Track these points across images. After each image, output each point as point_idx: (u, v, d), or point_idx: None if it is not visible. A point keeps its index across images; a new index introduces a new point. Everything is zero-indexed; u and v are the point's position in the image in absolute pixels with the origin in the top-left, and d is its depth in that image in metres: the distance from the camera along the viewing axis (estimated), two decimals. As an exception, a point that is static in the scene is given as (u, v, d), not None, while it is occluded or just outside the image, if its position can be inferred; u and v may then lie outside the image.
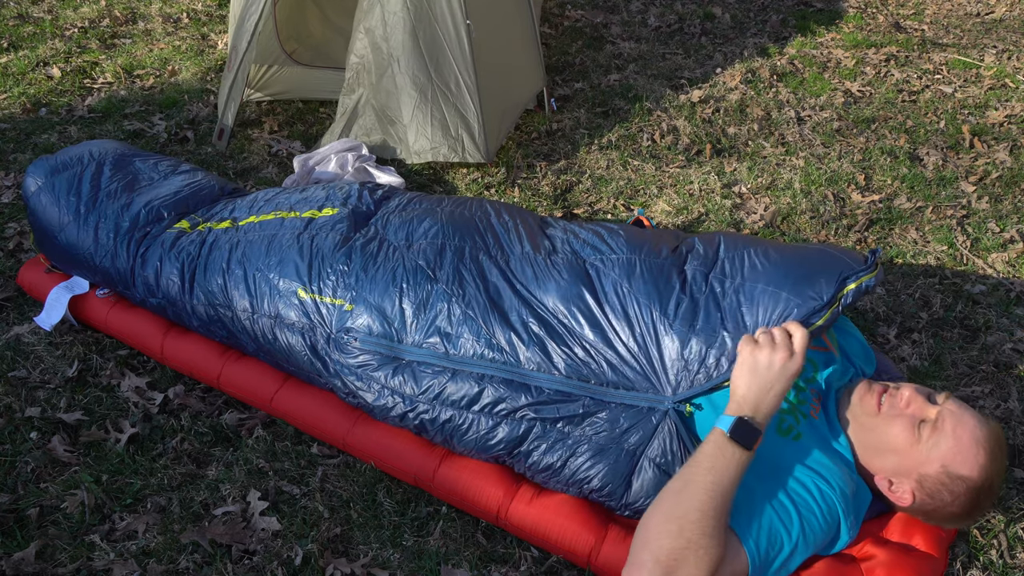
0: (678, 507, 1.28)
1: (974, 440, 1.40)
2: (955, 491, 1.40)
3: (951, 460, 1.39)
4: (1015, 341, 2.16)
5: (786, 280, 1.53)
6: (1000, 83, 3.57)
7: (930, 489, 1.42)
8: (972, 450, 1.39)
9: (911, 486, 1.44)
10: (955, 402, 1.46)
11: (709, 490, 1.29)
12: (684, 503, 1.28)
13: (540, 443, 1.55)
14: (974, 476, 1.39)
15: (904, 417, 1.44)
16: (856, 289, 1.49)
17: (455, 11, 2.63)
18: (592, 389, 1.53)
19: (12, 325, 2.10)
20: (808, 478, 1.40)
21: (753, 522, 1.35)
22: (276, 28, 3.08)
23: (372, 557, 1.59)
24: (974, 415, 1.44)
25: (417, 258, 1.72)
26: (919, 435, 1.42)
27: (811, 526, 1.37)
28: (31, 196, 2.04)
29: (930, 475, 1.41)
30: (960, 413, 1.43)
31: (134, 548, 1.58)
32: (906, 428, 1.43)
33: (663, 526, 1.27)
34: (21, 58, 3.47)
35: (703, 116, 3.28)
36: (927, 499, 1.44)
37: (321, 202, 1.95)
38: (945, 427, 1.41)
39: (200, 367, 1.90)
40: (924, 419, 1.43)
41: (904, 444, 1.43)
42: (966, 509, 1.42)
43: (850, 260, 1.55)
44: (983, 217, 2.67)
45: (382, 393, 1.65)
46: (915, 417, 1.43)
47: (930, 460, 1.41)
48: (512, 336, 1.58)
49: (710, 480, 1.29)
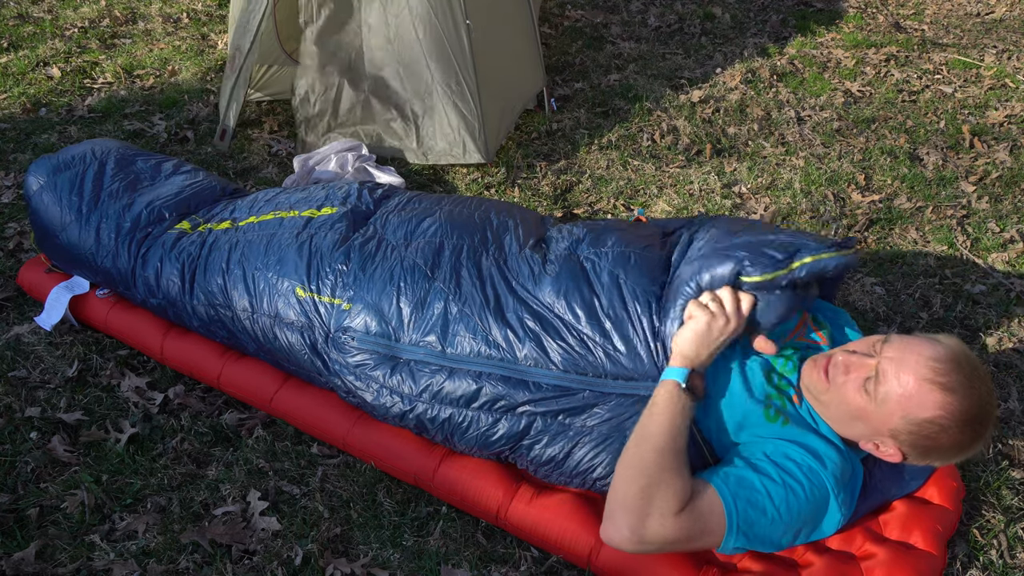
0: (636, 454, 1.36)
1: (921, 380, 1.32)
2: (929, 434, 1.34)
3: (906, 408, 1.33)
4: (1015, 341, 2.16)
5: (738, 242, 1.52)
6: (1000, 83, 3.57)
7: (908, 440, 1.37)
8: (922, 390, 1.32)
9: (892, 443, 1.39)
10: (893, 344, 1.38)
11: (665, 433, 1.36)
12: (641, 448, 1.36)
13: (542, 436, 1.56)
14: (937, 414, 1.32)
15: (850, 381, 1.39)
16: (812, 263, 1.44)
17: (455, 10, 2.63)
18: (590, 381, 1.53)
19: (12, 325, 2.10)
20: (797, 454, 1.39)
21: (734, 482, 1.36)
22: (276, 28, 3.08)
23: (372, 557, 1.59)
24: (917, 349, 1.35)
25: (415, 257, 1.72)
26: (869, 393, 1.36)
27: (796, 497, 1.36)
28: (33, 195, 2.04)
29: (898, 428, 1.36)
30: (899, 356, 1.35)
31: (134, 548, 1.58)
32: (855, 392, 1.38)
33: (625, 473, 1.35)
34: (21, 58, 3.47)
35: (703, 116, 3.28)
36: (912, 449, 1.39)
37: (320, 201, 1.95)
38: (887, 377, 1.34)
39: (200, 367, 1.90)
40: (867, 376, 1.37)
41: (860, 408, 1.38)
42: (959, 440, 1.34)
43: (815, 240, 1.51)
44: (983, 217, 2.67)
45: (380, 392, 1.65)
46: (858, 378, 1.38)
47: (889, 415, 1.35)
48: (508, 333, 1.58)
49: (664, 425, 1.37)
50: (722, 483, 1.36)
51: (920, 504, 1.58)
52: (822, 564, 1.46)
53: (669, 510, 1.30)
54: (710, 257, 1.51)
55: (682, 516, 1.30)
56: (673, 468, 1.34)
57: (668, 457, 1.34)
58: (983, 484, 1.74)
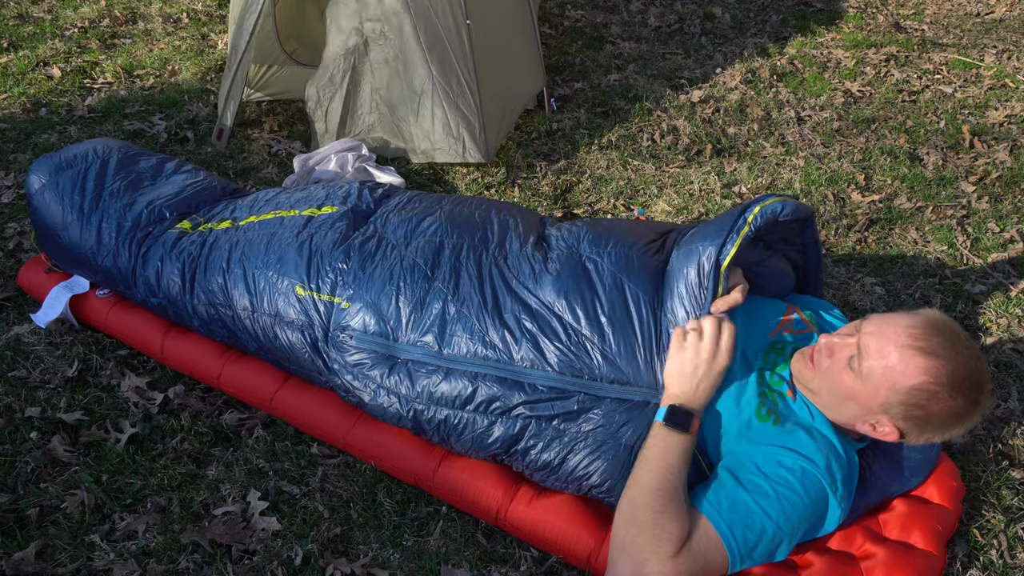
0: (631, 499, 1.37)
1: (900, 348, 1.34)
2: (919, 403, 1.34)
3: (890, 379, 1.34)
4: (1015, 341, 2.16)
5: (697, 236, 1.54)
6: (1000, 83, 3.57)
7: (901, 413, 1.37)
8: (903, 358, 1.33)
9: (887, 420, 1.40)
10: (873, 320, 1.40)
11: (655, 475, 1.37)
12: (635, 493, 1.37)
13: (536, 441, 1.55)
14: (923, 379, 1.33)
15: (835, 363, 1.41)
16: (761, 211, 1.49)
17: (455, 10, 2.63)
18: (586, 384, 1.52)
19: (12, 325, 2.10)
20: (790, 458, 1.39)
21: (727, 508, 1.35)
22: (276, 28, 3.08)
23: (372, 557, 1.59)
24: (895, 321, 1.38)
25: (415, 256, 1.72)
26: (855, 372, 1.38)
27: (793, 505, 1.36)
28: (34, 194, 2.04)
29: (889, 402, 1.36)
30: (878, 330, 1.37)
31: (134, 548, 1.58)
32: (841, 372, 1.39)
33: (622, 519, 1.36)
34: (21, 58, 3.47)
35: (703, 116, 3.28)
36: (907, 423, 1.39)
37: (321, 200, 1.95)
38: (869, 351, 1.36)
39: (200, 367, 1.90)
40: (850, 355, 1.39)
41: (848, 388, 1.39)
42: (954, 406, 1.34)
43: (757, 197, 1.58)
44: (983, 217, 2.67)
45: (378, 392, 1.65)
46: (843, 359, 1.40)
47: (876, 389, 1.36)
48: (505, 334, 1.58)
49: (654, 467, 1.38)
50: (715, 512, 1.34)
51: (920, 504, 1.58)
52: (822, 564, 1.45)
53: (666, 554, 1.29)
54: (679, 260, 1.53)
55: (680, 558, 1.29)
56: (667, 512, 1.32)
57: (658, 500, 1.34)
58: (983, 484, 1.74)
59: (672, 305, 1.51)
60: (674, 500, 1.34)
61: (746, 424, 1.45)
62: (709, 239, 1.50)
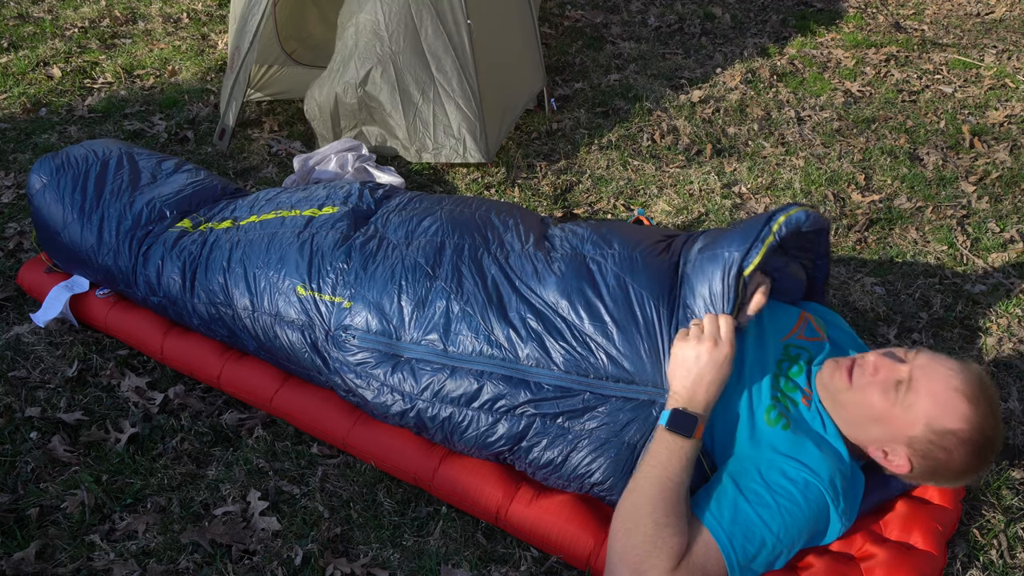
0: (632, 505, 1.35)
1: (951, 390, 1.35)
2: (947, 446, 1.36)
3: (932, 415, 1.35)
4: (1015, 341, 2.16)
5: (721, 241, 1.55)
6: (1000, 83, 3.57)
7: (922, 450, 1.38)
8: (951, 401, 1.34)
9: (904, 452, 1.40)
10: (925, 355, 1.41)
11: (656, 482, 1.35)
12: (637, 499, 1.35)
13: (540, 439, 1.55)
14: (961, 427, 1.34)
15: (876, 384, 1.40)
16: (786, 221, 1.50)
17: (457, 10, 2.63)
18: (592, 383, 1.52)
19: (12, 325, 2.10)
20: (794, 469, 1.38)
21: (728, 518, 1.34)
22: (276, 28, 3.08)
23: (372, 557, 1.59)
24: (947, 363, 1.39)
25: (416, 256, 1.72)
26: (895, 398, 1.38)
27: (794, 517, 1.35)
28: (35, 193, 2.04)
29: (917, 436, 1.37)
30: (931, 365, 1.38)
31: (134, 548, 1.58)
32: (881, 394, 1.39)
33: (622, 526, 1.34)
34: (21, 58, 3.48)
35: (703, 116, 3.28)
36: (923, 461, 1.40)
37: (322, 201, 1.95)
38: (918, 383, 1.37)
39: (200, 367, 1.90)
40: (897, 380, 1.39)
41: (883, 411, 1.39)
42: (969, 462, 1.37)
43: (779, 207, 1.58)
44: (983, 217, 2.67)
45: (381, 391, 1.66)
46: (887, 381, 1.39)
47: (912, 421, 1.37)
48: (511, 332, 1.58)
49: (656, 473, 1.36)
50: (716, 523, 1.34)
51: (920, 504, 1.58)
52: (822, 565, 1.45)
53: (664, 568, 1.28)
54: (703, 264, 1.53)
55: (679, 571, 1.28)
56: (669, 524, 1.31)
57: (660, 511, 1.32)
58: (983, 484, 1.74)
59: (696, 308, 1.51)
60: (676, 511, 1.33)
61: (754, 427, 1.44)
62: (734, 245, 1.50)
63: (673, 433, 1.39)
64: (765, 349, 1.55)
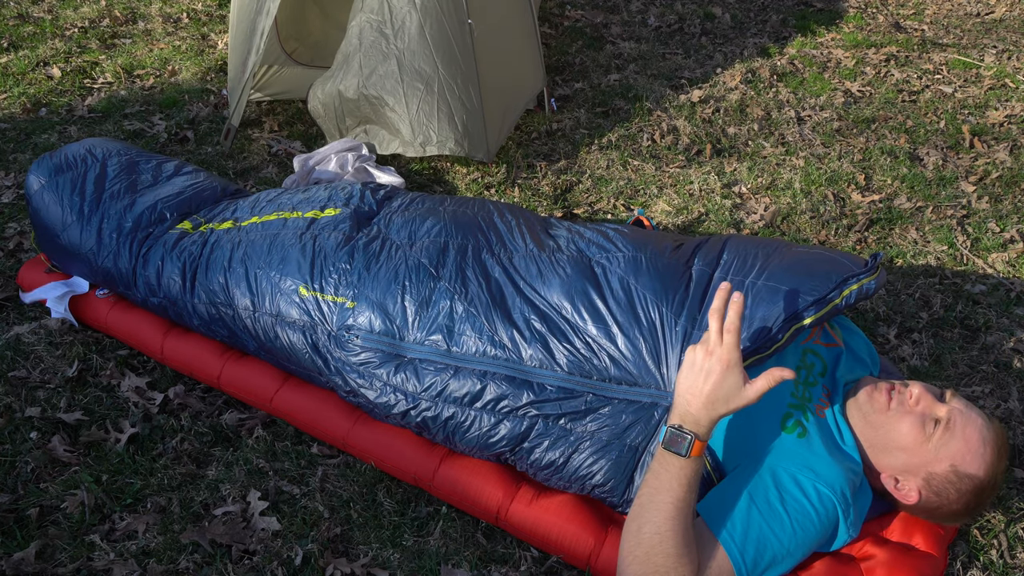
0: (641, 531, 1.31)
1: (983, 439, 1.41)
2: (962, 489, 1.41)
3: (961, 459, 1.40)
4: (1015, 341, 2.16)
5: (787, 277, 1.54)
6: (1000, 83, 3.57)
7: (937, 487, 1.43)
8: (981, 448, 1.40)
9: (918, 484, 1.44)
10: (961, 400, 1.47)
11: (663, 509, 1.31)
12: (645, 525, 1.31)
13: (542, 440, 1.55)
14: (981, 474, 1.40)
15: (913, 415, 1.44)
16: (858, 291, 1.51)
17: (458, 9, 2.63)
18: (595, 385, 1.53)
19: (12, 325, 2.09)
20: (807, 479, 1.39)
21: (740, 531, 1.33)
22: (276, 28, 3.08)
23: (372, 557, 1.59)
24: (980, 414, 1.45)
25: (420, 256, 1.73)
26: (928, 433, 1.42)
27: (805, 530, 1.36)
28: (34, 195, 2.04)
29: (938, 473, 1.42)
30: (968, 412, 1.44)
31: (134, 548, 1.58)
32: (915, 426, 1.43)
33: (633, 552, 1.31)
34: (21, 58, 3.47)
35: (703, 116, 3.28)
36: (933, 497, 1.44)
37: (323, 202, 1.95)
38: (955, 426, 1.41)
39: (200, 367, 1.90)
40: (935, 418, 1.43)
41: (913, 442, 1.43)
42: (969, 506, 1.43)
43: (852, 263, 1.57)
44: (983, 217, 2.67)
45: (384, 391, 1.66)
46: (924, 415, 1.43)
47: (939, 458, 1.41)
48: (514, 333, 1.58)
49: (663, 499, 1.31)
50: (729, 538, 1.33)
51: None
52: (822, 566, 1.45)
53: None
54: (760, 292, 1.52)
55: None
56: (681, 556, 1.28)
57: (670, 542, 1.29)
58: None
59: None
60: (686, 540, 1.30)
61: (770, 433, 1.44)
62: (800, 289, 1.50)
63: (672, 453, 1.33)
64: (784, 355, 1.54)
